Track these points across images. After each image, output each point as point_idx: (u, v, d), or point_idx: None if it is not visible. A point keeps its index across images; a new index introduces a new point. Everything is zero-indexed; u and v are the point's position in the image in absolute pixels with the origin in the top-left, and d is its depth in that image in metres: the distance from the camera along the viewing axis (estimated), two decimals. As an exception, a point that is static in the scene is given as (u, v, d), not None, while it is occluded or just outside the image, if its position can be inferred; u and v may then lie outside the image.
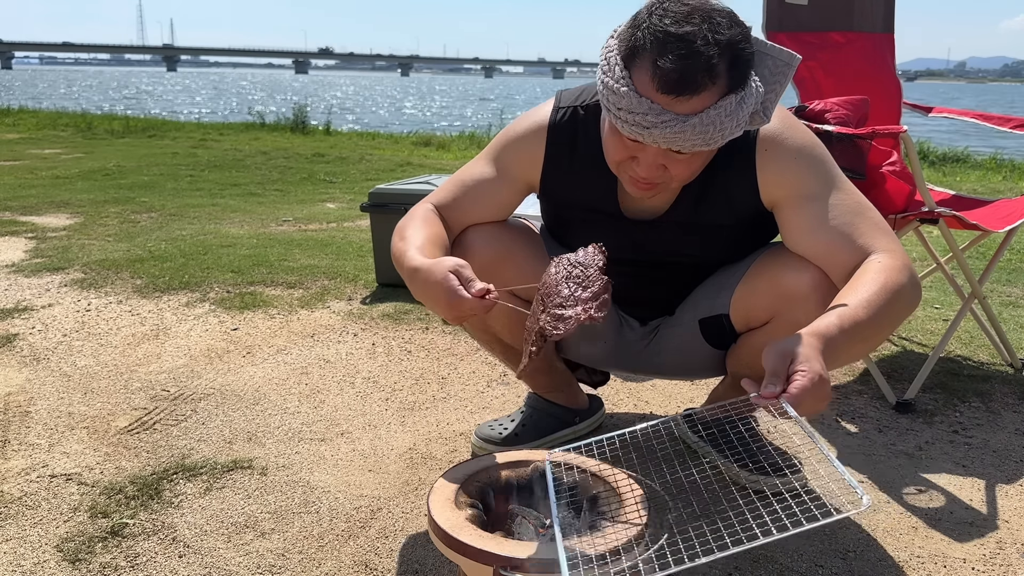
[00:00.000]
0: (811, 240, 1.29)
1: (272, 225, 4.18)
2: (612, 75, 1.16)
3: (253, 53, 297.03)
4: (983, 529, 1.45)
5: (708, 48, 1.09)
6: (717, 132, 1.14)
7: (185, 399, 1.96)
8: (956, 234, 2.17)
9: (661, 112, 1.12)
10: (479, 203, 1.44)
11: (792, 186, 1.30)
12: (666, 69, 1.09)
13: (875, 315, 1.13)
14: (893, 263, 1.20)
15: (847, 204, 1.28)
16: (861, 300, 1.14)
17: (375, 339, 2.41)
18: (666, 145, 1.15)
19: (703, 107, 1.12)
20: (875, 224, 1.27)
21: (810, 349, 1.04)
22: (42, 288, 2.87)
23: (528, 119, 1.43)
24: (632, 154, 1.22)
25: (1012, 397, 2.04)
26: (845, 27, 2.42)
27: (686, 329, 1.51)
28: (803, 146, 1.31)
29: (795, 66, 1.19)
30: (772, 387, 1.01)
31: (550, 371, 1.67)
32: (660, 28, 1.11)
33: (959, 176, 6.97)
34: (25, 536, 1.38)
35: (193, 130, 10.56)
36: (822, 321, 1.10)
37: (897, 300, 1.16)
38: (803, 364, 1.02)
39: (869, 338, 1.16)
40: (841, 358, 1.14)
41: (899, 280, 1.18)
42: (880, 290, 1.15)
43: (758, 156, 1.31)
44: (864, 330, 1.12)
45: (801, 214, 1.30)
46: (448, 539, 1.07)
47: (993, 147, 9.70)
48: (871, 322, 1.13)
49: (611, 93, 1.16)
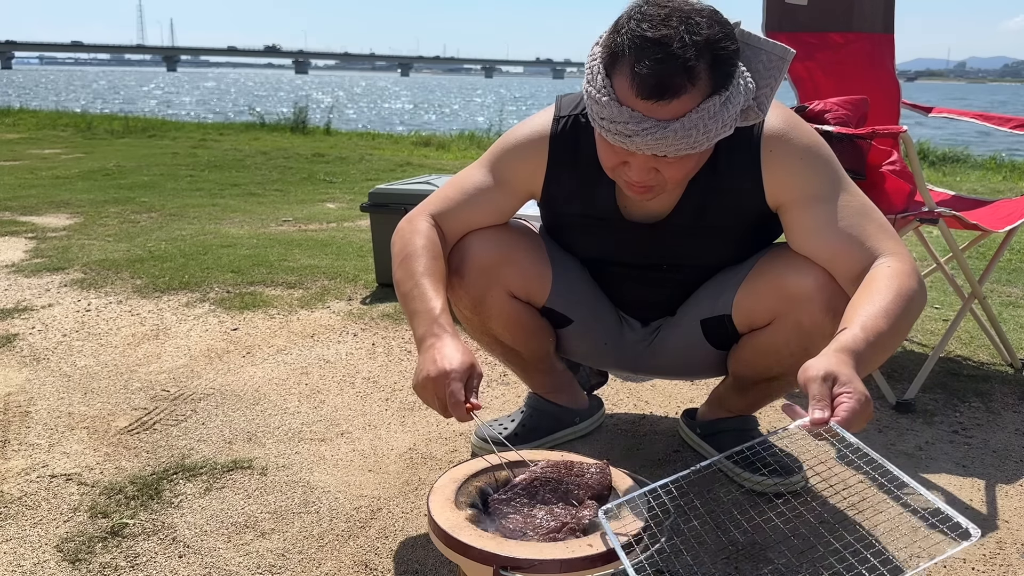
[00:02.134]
0: (817, 242, 1.29)
1: (272, 225, 4.18)
2: (595, 84, 1.16)
3: (253, 53, 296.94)
4: (983, 529, 1.45)
5: (685, 50, 1.08)
6: (701, 135, 1.13)
7: (185, 399, 1.96)
8: (956, 234, 2.17)
9: (642, 120, 1.12)
10: (478, 211, 1.43)
11: (798, 187, 1.30)
12: (643, 75, 1.09)
13: (894, 324, 1.12)
14: (903, 268, 1.20)
15: (853, 206, 1.28)
16: (879, 309, 1.12)
17: (375, 339, 2.41)
18: (650, 151, 1.15)
19: (685, 111, 1.11)
20: (881, 226, 1.27)
21: (848, 368, 1.03)
22: (42, 288, 2.87)
23: (528, 128, 1.42)
24: (623, 159, 1.21)
25: (1012, 397, 2.04)
26: (845, 27, 2.42)
27: (688, 330, 1.51)
28: (809, 146, 1.30)
29: (789, 60, 1.18)
30: (820, 412, 0.99)
31: (550, 371, 1.67)
32: (638, 33, 1.10)
33: (959, 176, 6.97)
34: (25, 536, 1.38)
35: (193, 130, 10.56)
36: (848, 335, 1.09)
37: (911, 306, 1.16)
38: (847, 385, 1.00)
39: (889, 347, 1.15)
40: (867, 370, 1.12)
41: (911, 285, 1.18)
42: (896, 297, 1.14)
43: (763, 157, 1.30)
44: (885, 339, 1.11)
45: (807, 215, 1.29)
46: (448, 539, 1.07)
47: (993, 147, 9.70)
48: (891, 331, 1.12)
49: (594, 103, 1.16)
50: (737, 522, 1.45)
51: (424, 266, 1.33)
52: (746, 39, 1.18)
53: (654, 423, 1.87)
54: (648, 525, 1.09)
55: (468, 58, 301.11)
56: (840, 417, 0.97)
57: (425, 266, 1.33)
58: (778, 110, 1.33)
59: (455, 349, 1.21)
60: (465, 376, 1.19)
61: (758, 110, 1.19)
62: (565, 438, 1.74)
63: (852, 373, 1.02)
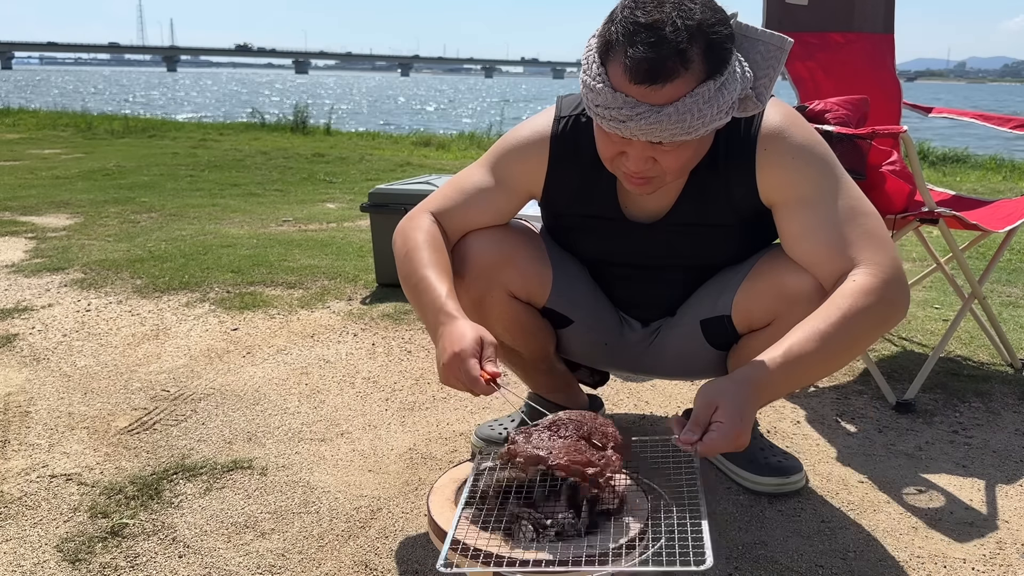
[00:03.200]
0: (800, 247, 1.29)
1: (272, 225, 4.18)
2: (590, 73, 1.17)
3: (253, 53, 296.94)
4: (983, 529, 1.45)
5: (677, 34, 1.08)
6: (696, 120, 1.13)
7: (185, 399, 1.96)
8: (956, 234, 2.17)
9: (636, 105, 1.12)
10: (479, 211, 1.43)
11: (788, 188, 1.29)
12: (636, 59, 1.09)
13: (827, 346, 1.16)
14: (866, 284, 1.20)
15: (841, 210, 1.26)
16: (813, 332, 1.17)
17: (375, 339, 2.41)
18: (645, 137, 1.15)
19: (678, 95, 1.11)
20: (866, 232, 1.25)
21: (733, 399, 1.11)
22: (42, 288, 2.87)
23: (529, 128, 1.42)
24: (620, 149, 1.21)
25: (1012, 397, 2.04)
26: (845, 27, 2.42)
27: (687, 330, 1.51)
28: (803, 145, 1.29)
29: (787, 49, 1.18)
30: (691, 434, 1.10)
31: (550, 371, 1.67)
32: (631, 19, 1.11)
33: (959, 176, 6.97)
34: (25, 536, 1.38)
35: (193, 130, 10.56)
36: (763, 359, 1.16)
37: (857, 326, 1.18)
38: (721, 416, 1.09)
39: (820, 369, 1.20)
40: (783, 392, 1.20)
41: (866, 303, 1.18)
42: (840, 319, 1.17)
43: (758, 155, 1.30)
44: (813, 362, 1.17)
45: (793, 220, 1.29)
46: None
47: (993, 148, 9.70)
48: (823, 353, 1.16)
49: (589, 91, 1.17)
50: (737, 522, 1.45)
51: (427, 258, 1.34)
52: (743, 30, 1.18)
53: (654, 423, 1.87)
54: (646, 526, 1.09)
55: (468, 58, 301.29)
56: (703, 445, 1.09)
57: (428, 258, 1.34)
58: (777, 107, 1.33)
59: (462, 330, 1.22)
60: (476, 351, 1.19)
61: (757, 101, 1.19)
62: (565, 438, 1.74)
63: (735, 405, 1.10)
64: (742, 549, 1.37)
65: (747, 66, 1.18)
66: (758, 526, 1.44)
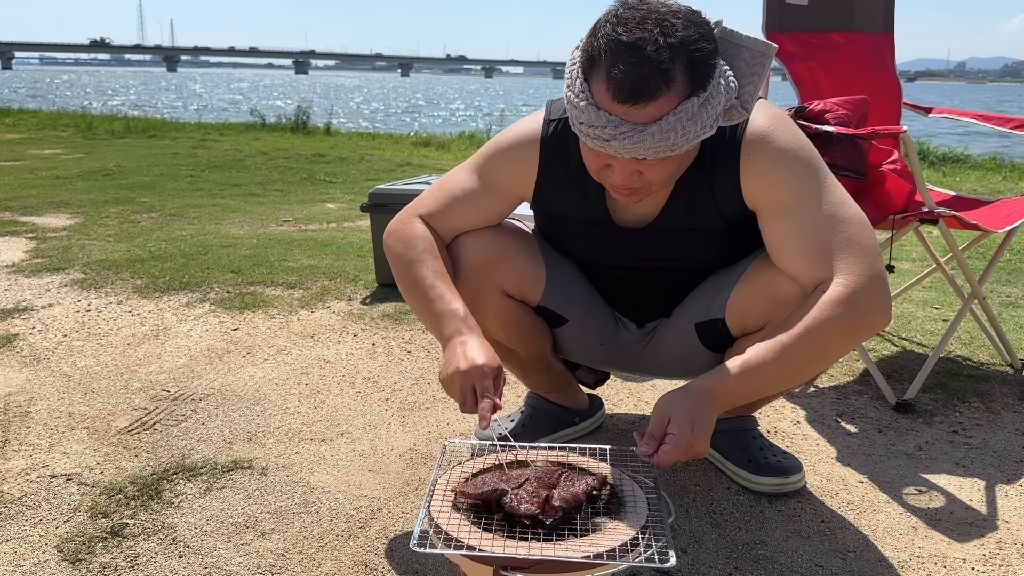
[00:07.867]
0: (780, 256, 1.30)
1: (272, 225, 4.18)
2: (574, 89, 1.17)
3: (253, 53, 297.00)
4: (983, 529, 1.45)
5: (660, 53, 1.08)
6: (680, 137, 1.13)
7: (185, 399, 1.96)
8: (956, 234, 2.17)
9: (619, 123, 1.12)
10: (468, 214, 1.43)
11: (770, 194, 1.29)
12: (618, 79, 1.09)
13: (786, 356, 1.19)
14: (835, 295, 1.20)
15: (821, 217, 1.25)
16: (775, 343, 1.20)
17: (375, 339, 2.41)
18: (629, 155, 1.15)
19: (662, 113, 1.11)
20: (845, 239, 1.24)
21: (685, 411, 1.15)
22: (42, 288, 2.87)
23: (519, 131, 1.42)
24: (606, 162, 1.22)
25: (1012, 397, 2.04)
26: (845, 27, 2.42)
27: (682, 332, 1.51)
28: (786, 150, 1.28)
29: (772, 55, 1.18)
30: (647, 447, 1.16)
31: (548, 370, 1.67)
32: (613, 37, 1.11)
33: (959, 176, 6.97)
34: (25, 536, 1.38)
35: (193, 130, 10.57)
36: (720, 369, 1.20)
37: (821, 336, 1.19)
38: (675, 428, 1.14)
39: (779, 380, 1.22)
40: (747, 397, 1.22)
41: (830, 315, 1.19)
42: (801, 331, 1.19)
43: (742, 159, 1.29)
44: (773, 370, 1.19)
45: (774, 227, 1.29)
46: (448, 539, 1.07)
47: (993, 148, 9.70)
48: (781, 366, 1.20)
49: (573, 108, 1.17)
50: (737, 522, 1.45)
51: (435, 268, 1.36)
52: (728, 36, 1.17)
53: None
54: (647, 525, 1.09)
55: (468, 58, 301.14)
56: (658, 457, 1.15)
57: (436, 269, 1.36)
58: (763, 110, 1.32)
59: (485, 347, 1.26)
60: (494, 374, 1.23)
61: (742, 109, 1.18)
62: (565, 438, 1.74)
63: (688, 418, 1.15)
64: (742, 549, 1.37)
65: (731, 76, 1.17)
66: (758, 526, 1.44)
